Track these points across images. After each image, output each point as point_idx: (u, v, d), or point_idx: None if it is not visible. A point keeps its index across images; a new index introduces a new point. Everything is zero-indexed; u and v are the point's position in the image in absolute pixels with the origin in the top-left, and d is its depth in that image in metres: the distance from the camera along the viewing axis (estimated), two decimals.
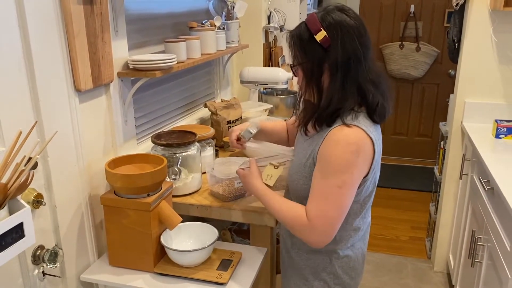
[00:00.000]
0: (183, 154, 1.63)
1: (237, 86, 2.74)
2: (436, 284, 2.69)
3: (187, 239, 1.49)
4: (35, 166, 1.21)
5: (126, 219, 1.39)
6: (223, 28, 2.22)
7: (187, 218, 1.60)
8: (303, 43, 1.20)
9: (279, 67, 2.91)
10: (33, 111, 1.21)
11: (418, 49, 4.16)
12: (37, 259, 1.25)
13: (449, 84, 3.69)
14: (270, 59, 2.90)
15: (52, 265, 1.27)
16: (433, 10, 4.14)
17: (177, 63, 1.72)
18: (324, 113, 1.21)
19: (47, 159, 1.26)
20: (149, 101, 1.93)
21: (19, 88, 1.16)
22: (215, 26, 2.13)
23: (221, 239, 1.93)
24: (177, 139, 1.64)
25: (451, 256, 2.63)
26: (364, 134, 1.17)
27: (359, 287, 1.42)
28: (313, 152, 1.23)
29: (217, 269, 1.39)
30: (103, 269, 1.45)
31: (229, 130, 1.64)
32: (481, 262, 1.84)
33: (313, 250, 1.33)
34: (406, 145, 4.55)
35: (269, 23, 2.85)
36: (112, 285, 1.41)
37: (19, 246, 0.98)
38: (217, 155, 1.99)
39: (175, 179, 1.61)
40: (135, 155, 1.53)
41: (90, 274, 1.43)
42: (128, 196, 1.38)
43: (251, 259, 1.49)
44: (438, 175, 2.82)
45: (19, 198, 1.01)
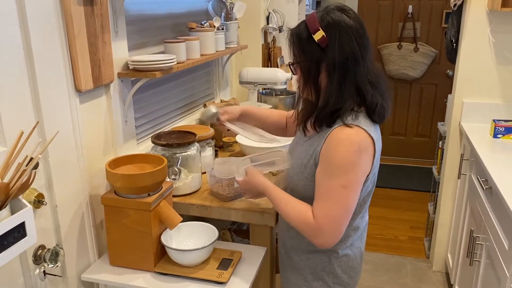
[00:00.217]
0: (183, 154, 1.64)
1: (236, 86, 2.75)
2: (435, 283, 2.70)
3: (187, 239, 1.50)
4: (36, 166, 1.22)
5: (126, 219, 1.39)
6: (222, 28, 2.23)
7: (187, 218, 1.61)
8: (301, 42, 1.21)
9: (278, 67, 2.92)
10: (34, 111, 1.21)
11: (416, 50, 4.18)
12: (38, 259, 1.26)
13: (447, 84, 3.70)
14: (269, 60, 2.91)
15: (53, 265, 1.28)
16: (431, 10, 4.15)
17: (177, 63, 1.73)
18: (322, 113, 1.21)
19: (48, 159, 1.27)
20: (149, 101, 1.93)
21: (20, 88, 1.16)
22: (214, 27, 2.14)
23: (220, 239, 1.94)
24: (177, 139, 1.64)
25: (449, 255, 2.64)
26: (365, 133, 1.17)
27: (358, 286, 1.43)
28: (315, 152, 1.24)
29: (217, 268, 1.40)
30: (104, 268, 1.45)
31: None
32: (479, 261, 1.85)
33: (313, 250, 1.33)
34: (404, 145, 4.56)
35: (268, 23, 2.86)
36: (112, 285, 1.42)
37: (21, 245, 0.98)
38: (216, 155, 2.00)
39: (175, 179, 1.62)
40: (135, 155, 1.54)
41: (90, 273, 1.44)
42: (128, 196, 1.39)
43: (251, 258, 1.49)
44: (436, 175, 2.83)
45: (21, 197, 1.02)
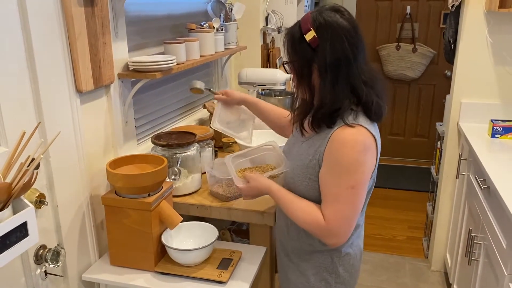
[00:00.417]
0: (183, 154, 1.64)
1: (235, 87, 2.76)
2: (433, 283, 2.71)
3: (188, 239, 1.50)
4: (37, 166, 1.22)
5: (127, 219, 1.40)
6: (222, 29, 2.24)
7: (187, 218, 1.62)
8: (294, 42, 1.21)
9: (277, 68, 2.93)
10: (35, 112, 1.22)
11: (414, 50, 4.19)
12: (39, 259, 1.26)
13: (446, 84, 3.70)
14: (268, 61, 2.92)
15: (54, 265, 1.28)
16: (429, 11, 4.16)
17: (177, 64, 1.74)
18: (319, 113, 1.21)
19: (49, 159, 1.28)
20: (149, 102, 1.94)
21: (21, 89, 1.17)
22: (214, 27, 2.15)
23: (220, 239, 1.94)
24: (176, 140, 1.65)
25: (448, 255, 2.65)
26: (368, 132, 1.18)
27: (357, 286, 1.44)
28: (317, 153, 1.22)
29: (217, 268, 1.41)
30: (104, 268, 1.46)
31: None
32: (477, 260, 1.86)
33: (315, 250, 1.33)
34: (403, 145, 4.57)
35: (267, 24, 2.87)
36: (113, 285, 1.42)
37: (23, 244, 0.99)
38: (216, 155, 2.01)
39: (175, 179, 1.62)
40: (136, 155, 1.54)
41: (91, 273, 1.44)
42: (129, 196, 1.39)
43: (251, 258, 1.50)
44: (435, 175, 2.84)
45: (23, 197, 1.02)
